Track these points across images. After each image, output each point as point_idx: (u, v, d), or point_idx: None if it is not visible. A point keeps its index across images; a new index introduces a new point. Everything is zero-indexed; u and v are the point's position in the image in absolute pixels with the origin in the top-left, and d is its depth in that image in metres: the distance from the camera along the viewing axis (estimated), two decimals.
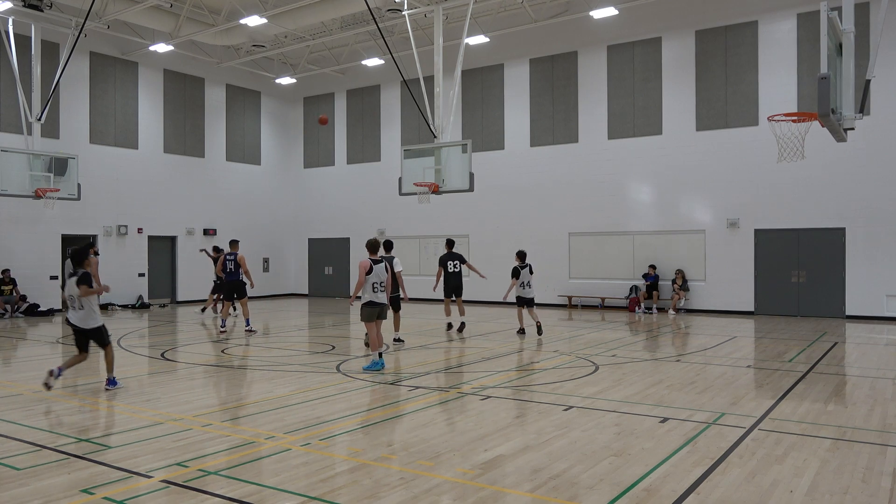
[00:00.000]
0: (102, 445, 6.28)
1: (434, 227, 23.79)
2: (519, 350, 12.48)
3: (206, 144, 24.93)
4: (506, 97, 22.73)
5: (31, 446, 6.29)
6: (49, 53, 19.44)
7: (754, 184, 18.65)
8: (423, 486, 5.18)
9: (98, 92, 21.84)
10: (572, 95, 21.48)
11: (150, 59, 22.89)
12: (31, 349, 13.70)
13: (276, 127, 27.55)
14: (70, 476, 5.46)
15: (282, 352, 12.51)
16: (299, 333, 16.13)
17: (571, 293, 21.24)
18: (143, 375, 10.39)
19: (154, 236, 23.23)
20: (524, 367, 10.64)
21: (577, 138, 21.43)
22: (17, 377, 9.99)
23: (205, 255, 21.21)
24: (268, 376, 9.95)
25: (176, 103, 23.99)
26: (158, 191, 23.29)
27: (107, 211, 21.80)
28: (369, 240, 10.49)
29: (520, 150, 22.47)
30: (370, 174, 25.65)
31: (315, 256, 27.42)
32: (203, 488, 5.15)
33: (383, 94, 25.45)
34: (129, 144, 22.66)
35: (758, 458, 5.85)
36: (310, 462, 5.84)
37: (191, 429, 6.95)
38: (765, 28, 18.58)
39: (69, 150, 19.60)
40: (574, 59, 21.44)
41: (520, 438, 6.47)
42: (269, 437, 6.57)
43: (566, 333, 15.11)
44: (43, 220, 19.98)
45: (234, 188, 25.72)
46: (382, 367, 10.17)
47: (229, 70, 25.04)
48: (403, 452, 6.07)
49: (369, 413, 7.61)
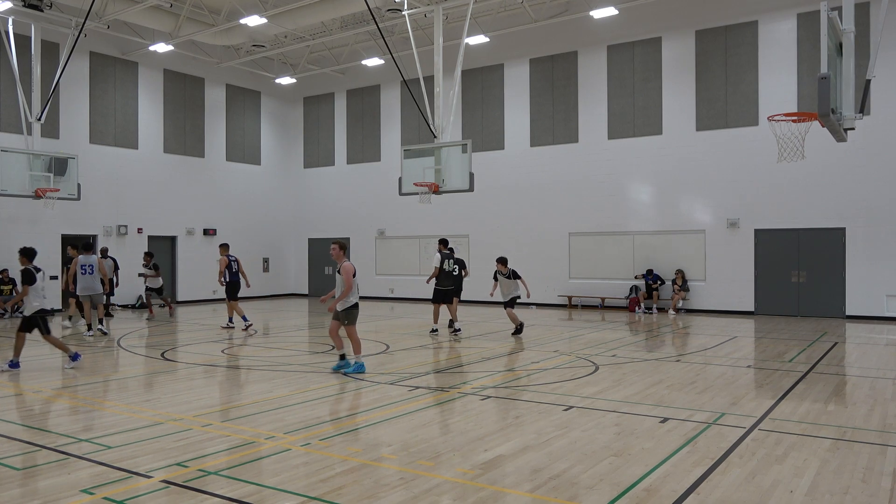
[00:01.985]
0: (102, 445, 6.27)
1: (434, 227, 23.79)
2: (519, 350, 12.48)
3: (206, 144, 24.92)
4: (506, 97, 22.73)
5: (31, 446, 6.29)
6: (49, 53, 19.43)
7: (754, 184, 18.66)
8: (423, 486, 5.18)
9: (98, 92, 21.83)
10: (572, 95, 21.48)
11: (150, 59, 22.89)
12: (30, 349, 13.67)
13: (276, 127, 27.54)
14: (70, 476, 5.46)
15: (281, 352, 12.52)
16: (299, 333, 16.13)
17: (571, 293, 21.24)
18: (142, 375, 10.40)
19: (154, 236, 23.22)
20: (524, 368, 10.64)
21: (577, 138, 21.43)
22: (16, 377, 9.98)
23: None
24: (268, 376, 9.95)
25: (176, 103, 23.98)
26: (158, 191, 23.29)
27: (107, 211, 21.79)
28: (343, 243, 10.20)
29: (520, 150, 22.47)
30: (370, 174, 25.65)
31: (315, 256, 27.42)
32: (203, 488, 5.14)
33: (383, 93, 25.45)
34: (129, 144, 22.65)
35: (758, 458, 5.85)
36: (310, 462, 5.84)
37: (191, 429, 6.95)
38: (765, 28, 18.58)
39: (69, 150, 19.59)
40: (574, 59, 21.44)
41: (520, 438, 6.47)
42: (269, 438, 6.57)
43: (566, 333, 15.11)
44: (43, 220, 19.97)
45: (234, 188, 25.71)
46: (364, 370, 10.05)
47: (229, 70, 25.04)
48: (403, 452, 6.07)
49: (369, 413, 7.60)
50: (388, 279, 25.23)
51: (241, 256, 25.91)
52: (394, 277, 25.12)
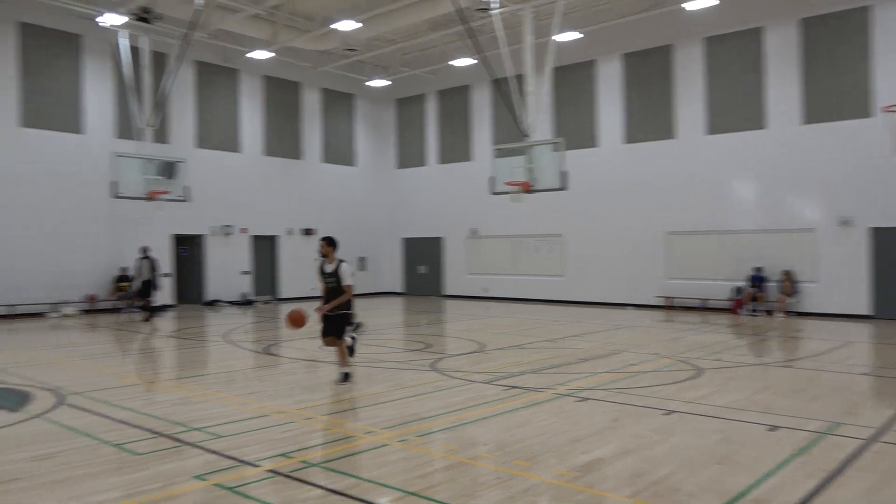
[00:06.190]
0: (213, 434, 6.58)
1: (527, 226, 23.64)
2: (616, 352, 12.21)
3: (303, 147, 25.77)
4: (598, 93, 22.29)
5: (149, 433, 6.67)
6: (158, 63, 20.57)
7: (868, 179, 17.45)
8: (519, 487, 5.14)
9: (203, 98, 22.97)
10: (668, 90, 20.81)
11: (250, 65, 23.86)
12: (148, 342, 14.56)
13: (370, 128, 28.14)
14: (184, 462, 5.76)
15: (377, 349, 12.75)
16: (394, 331, 16.40)
17: (669, 294, 20.60)
18: (248, 369, 10.84)
19: (257, 236, 24.22)
20: (621, 370, 10.40)
21: (673, 134, 20.76)
22: (134, 368, 10.63)
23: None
24: (364, 372, 10.16)
25: (275, 107, 24.92)
26: (259, 192, 24.25)
27: (212, 212, 22.87)
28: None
29: (613, 147, 21.99)
30: (461, 174, 25.76)
31: (409, 255, 27.82)
32: (306, 479, 5.31)
33: (473, 93, 25.51)
34: (231, 148, 23.72)
35: (880, 471, 5.47)
36: (407, 458, 5.92)
37: (294, 421, 7.19)
38: (879, 14, 17.37)
39: (178, 154, 20.63)
40: (669, 53, 20.77)
41: (618, 442, 6.33)
42: (367, 433, 6.70)
43: (665, 336, 14.67)
44: (154, 221, 21.17)
45: (330, 189, 26.45)
46: None
47: (324, 74, 25.76)
48: (499, 452, 6.05)
49: (465, 411, 7.63)
50: (481, 278, 25.27)
51: (338, 255, 26.65)
52: (486, 277, 25.13)
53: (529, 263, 23.94)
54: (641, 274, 20.98)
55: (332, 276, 9.03)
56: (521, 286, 24.11)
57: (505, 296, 24.24)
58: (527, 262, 24.02)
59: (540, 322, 17.19)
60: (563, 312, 19.52)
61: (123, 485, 5.26)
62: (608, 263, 21.98)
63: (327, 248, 9.07)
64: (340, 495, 4.96)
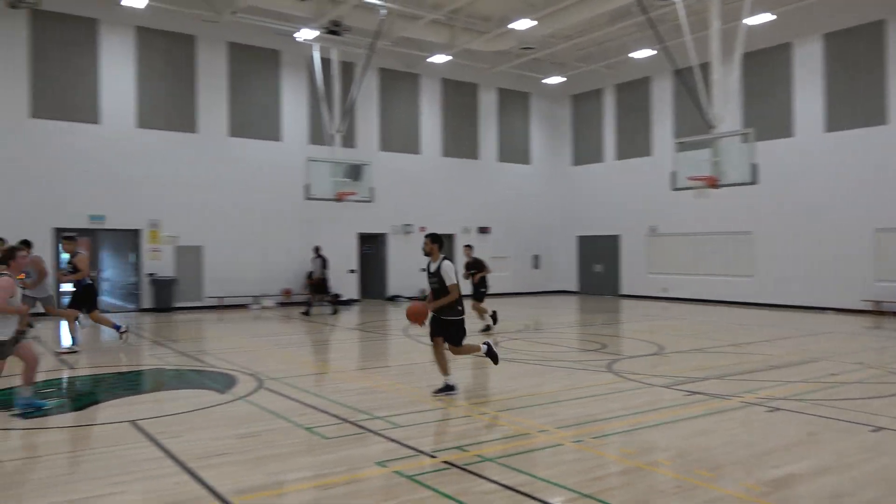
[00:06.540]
0: (393, 424, 6.89)
1: (712, 223, 22.32)
2: (812, 360, 11.17)
3: (479, 146, 26.26)
4: (794, 78, 20.49)
5: (336, 419, 7.13)
6: (346, 72, 21.89)
7: None
8: (702, 498, 4.87)
9: (386, 103, 24.16)
10: (879, 72, 18.65)
11: (430, 69, 24.69)
12: (334, 334, 15.60)
13: (545, 126, 28.03)
14: (367, 449, 6.09)
15: (550, 347, 12.67)
16: (568, 330, 16.21)
17: (878, 298, 18.48)
18: (427, 363, 11.23)
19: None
20: (819, 380, 9.49)
21: (885, 119, 18.57)
22: (323, 357, 11.43)
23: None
24: (537, 370, 10.14)
25: (453, 109, 25.61)
26: (438, 192, 25.05)
27: (393, 211, 23.98)
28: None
29: (812, 137, 20.11)
30: (640, 169, 24.88)
31: (584, 254, 27.38)
32: (480, 473, 5.39)
33: (654, 85, 24.53)
34: (412, 150, 24.72)
35: None
36: (582, 459, 5.82)
37: (469, 416, 7.34)
38: None
39: (363, 157, 21.84)
40: (880, 30, 18.60)
41: (815, 458, 5.78)
42: (542, 431, 6.68)
43: (872, 344, 13.20)
44: (341, 220, 22.61)
45: (505, 187, 26.71)
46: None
47: (500, 74, 26.02)
48: (679, 459, 5.77)
49: (643, 415, 7.36)
50: (660, 278, 24.27)
51: (512, 253, 27.07)
52: (666, 276, 24.09)
53: (714, 263, 22.60)
54: (845, 275, 19.03)
55: (434, 275, 8.28)
56: (704, 286, 22.82)
57: (685, 296, 23.09)
58: (711, 262, 22.69)
59: (724, 325, 16.17)
60: (750, 315, 18.21)
61: (313, 465, 5.67)
62: (806, 263, 20.17)
63: (431, 246, 8.40)
64: (514, 491, 4.98)
